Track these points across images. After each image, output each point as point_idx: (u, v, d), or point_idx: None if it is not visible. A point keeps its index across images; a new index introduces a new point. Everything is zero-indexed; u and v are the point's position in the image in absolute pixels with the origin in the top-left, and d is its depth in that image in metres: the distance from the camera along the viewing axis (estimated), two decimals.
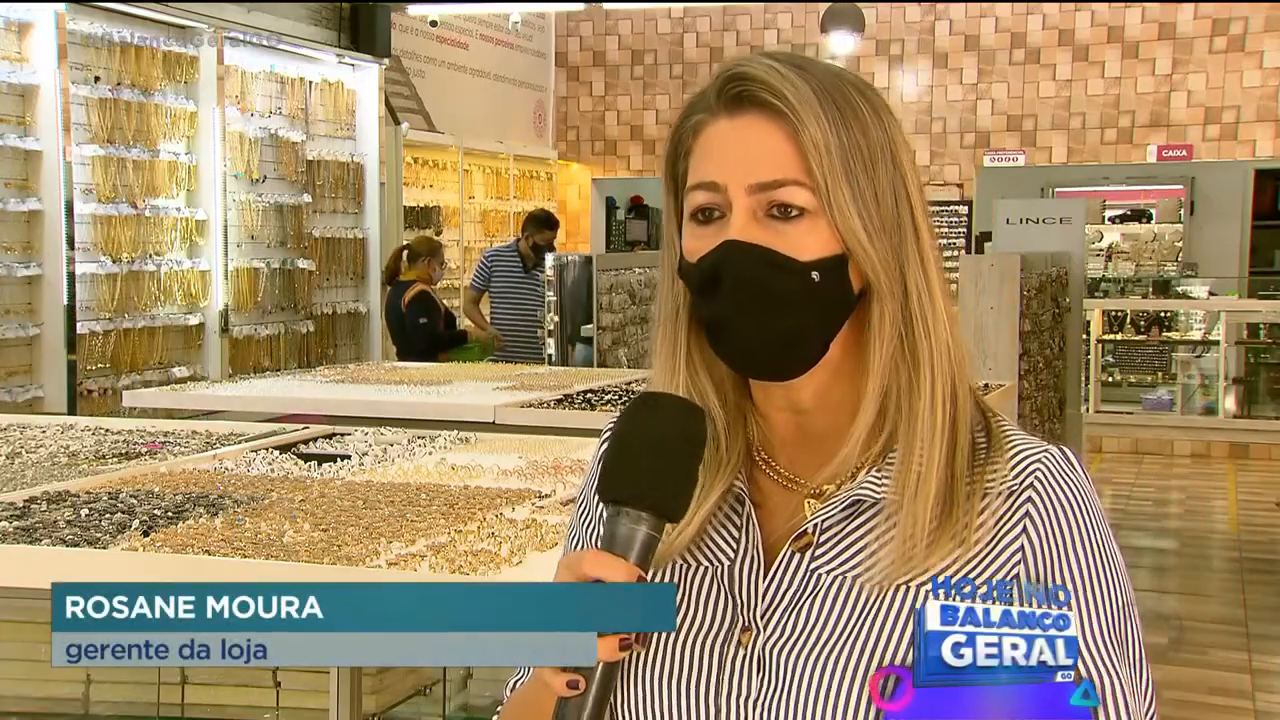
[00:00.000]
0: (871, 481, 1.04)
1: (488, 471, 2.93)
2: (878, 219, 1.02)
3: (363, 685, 2.31)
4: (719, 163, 1.04)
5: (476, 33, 11.11)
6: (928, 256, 1.04)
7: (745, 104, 1.03)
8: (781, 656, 1.01)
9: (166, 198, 7.13)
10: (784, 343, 1.03)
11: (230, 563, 2.11)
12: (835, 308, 1.03)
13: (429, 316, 7.07)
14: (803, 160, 1.01)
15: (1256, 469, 9.44)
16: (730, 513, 1.09)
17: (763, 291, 1.02)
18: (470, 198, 10.39)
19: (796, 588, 1.03)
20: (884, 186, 1.03)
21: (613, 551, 0.96)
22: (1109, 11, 10.88)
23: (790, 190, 1.01)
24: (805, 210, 1.01)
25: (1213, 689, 4.81)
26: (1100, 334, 9.99)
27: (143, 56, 6.98)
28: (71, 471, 2.90)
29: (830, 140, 1.01)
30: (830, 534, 1.04)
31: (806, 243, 1.01)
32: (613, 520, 0.97)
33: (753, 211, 1.02)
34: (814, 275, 1.01)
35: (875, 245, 1.02)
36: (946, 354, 1.03)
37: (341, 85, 8.71)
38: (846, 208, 1.01)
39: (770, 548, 1.06)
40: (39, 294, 6.37)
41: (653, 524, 0.96)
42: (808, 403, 1.07)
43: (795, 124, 1.01)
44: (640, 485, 0.97)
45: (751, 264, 1.01)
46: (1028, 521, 1.00)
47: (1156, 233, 10.93)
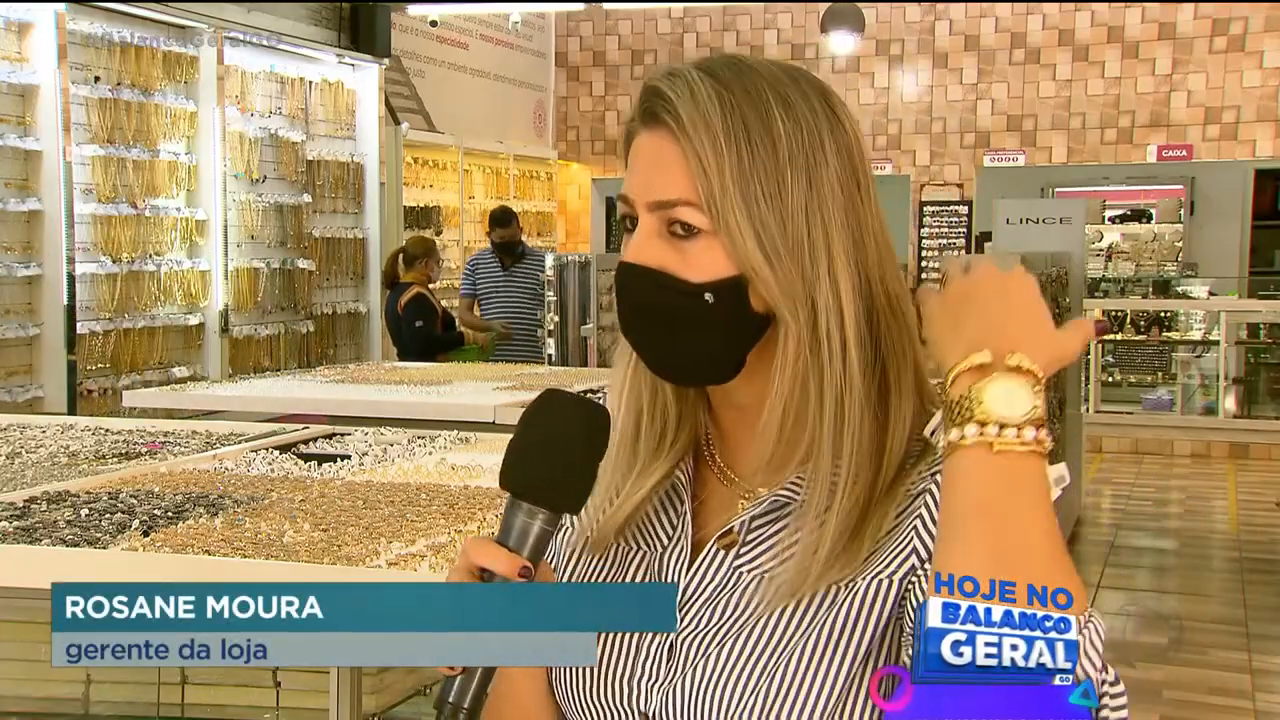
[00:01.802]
0: (793, 485, 1.04)
1: (488, 471, 2.93)
2: (782, 242, 0.99)
3: (363, 685, 2.31)
4: (631, 176, 1.04)
5: (476, 33, 11.11)
6: (841, 280, 1.00)
7: (653, 119, 1.03)
8: (690, 646, 1.03)
9: (166, 198, 7.13)
10: (690, 358, 1.04)
11: (230, 563, 2.11)
12: (737, 328, 1.02)
13: (425, 319, 7.07)
14: (694, 181, 1.00)
15: (1256, 469, 9.45)
16: (672, 499, 1.10)
17: (655, 313, 1.02)
18: (470, 198, 10.39)
19: (719, 583, 1.05)
20: (794, 206, 0.99)
21: (507, 543, 0.98)
22: (1109, 11, 10.88)
23: (684, 210, 1.00)
24: (702, 230, 1.00)
25: (1213, 689, 4.81)
26: None
27: (143, 56, 6.98)
28: (71, 471, 2.90)
29: (725, 162, 0.98)
30: (756, 533, 1.05)
31: (703, 263, 1.00)
32: (510, 510, 0.99)
33: (656, 228, 1.02)
34: (707, 297, 1.00)
35: (776, 269, 0.99)
36: (858, 378, 1.00)
37: (341, 85, 8.72)
38: (741, 232, 0.99)
39: (700, 541, 1.08)
40: (39, 294, 6.37)
41: (547, 518, 0.98)
42: (744, 399, 1.07)
43: (689, 144, 1.00)
44: (534, 480, 0.99)
45: (641, 286, 1.02)
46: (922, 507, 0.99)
47: (1156, 233, 10.93)
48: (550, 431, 1.00)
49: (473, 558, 0.97)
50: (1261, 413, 9.22)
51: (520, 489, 0.99)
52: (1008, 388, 0.91)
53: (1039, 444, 0.90)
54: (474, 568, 0.97)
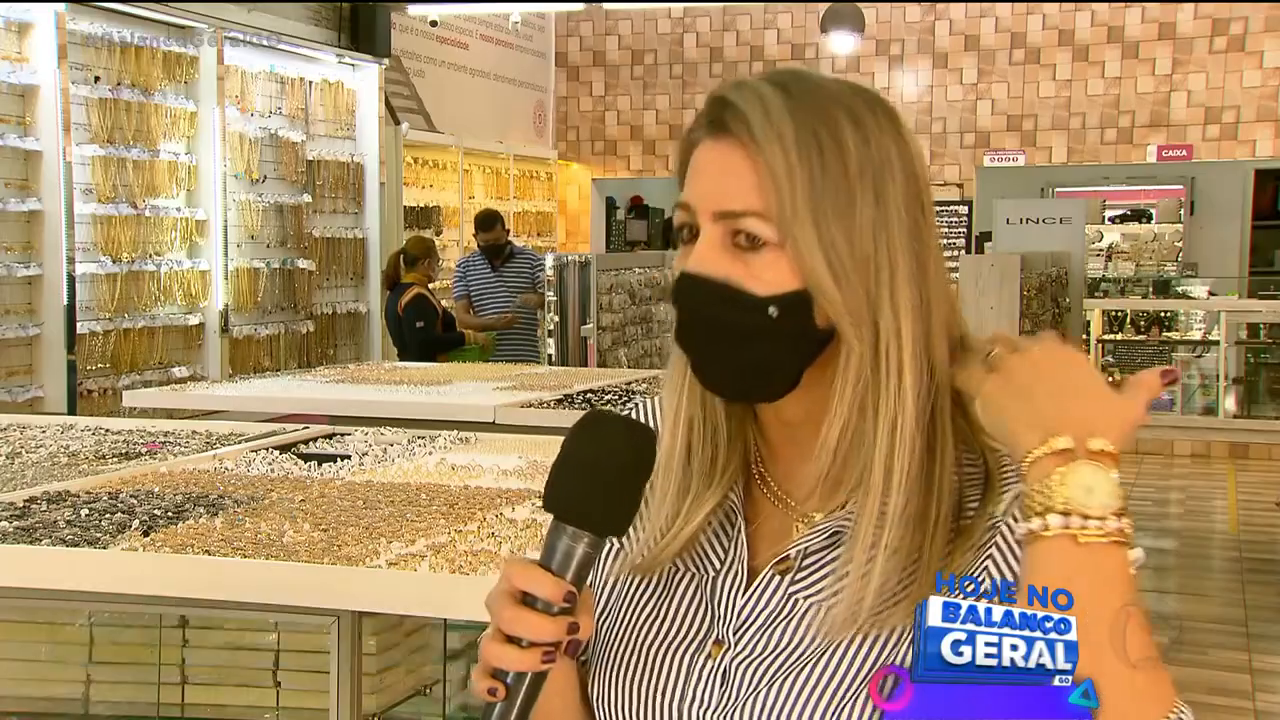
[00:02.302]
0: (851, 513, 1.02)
1: (488, 471, 2.93)
2: (849, 259, 0.98)
3: (363, 685, 2.30)
4: (693, 185, 1.02)
5: (476, 33, 11.11)
6: (901, 299, 0.99)
7: (722, 129, 1.01)
8: (745, 673, 1.02)
9: (166, 198, 7.13)
10: (749, 373, 1.01)
11: (230, 563, 2.11)
12: (798, 343, 1.00)
13: (425, 319, 7.08)
14: (765, 194, 0.98)
15: (1256, 469, 9.44)
16: (725, 523, 1.09)
17: (716, 325, 1.01)
18: (470, 198, 10.39)
19: (774, 609, 1.03)
20: (861, 224, 0.98)
21: (550, 565, 0.96)
22: (1109, 11, 10.88)
23: (751, 221, 0.98)
24: (769, 242, 0.98)
25: (1213, 689, 4.81)
26: (1100, 334, 9.98)
27: (143, 56, 6.98)
28: (71, 471, 2.90)
29: (797, 176, 0.97)
30: (812, 560, 1.03)
31: (766, 276, 0.99)
32: (553, 533, 0.97)
33: (720, 238, 1.00)
34: (771, 310, 0.99)
35: (841, 286, 0.98)
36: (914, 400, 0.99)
37: (341, 85, 8.72)
38: (810, 247, 0.97)
39: (755, 566, 1.06)
40: (39, 294, 6.37)
41: (591, 542, 0.96)
42: (796, 418, 1.05)
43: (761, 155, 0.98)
44: (578, 504, 0.96)
45: (703, 297, 1.00)
46: (993, 548, 0.98)
47: (1156, 233, 10.93)
48: (596, 453, 0.97)
49: (516, 582, 0.95)
50: (1261, 413, 9.22)
51: (564, 512, 0.96)
52: (1090, 476, 0.90)
53: (1122, 534, 0.90)
54: (516, 592, 0.95)
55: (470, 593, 2.03)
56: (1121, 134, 10.99)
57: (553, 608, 0.95)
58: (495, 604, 0.96)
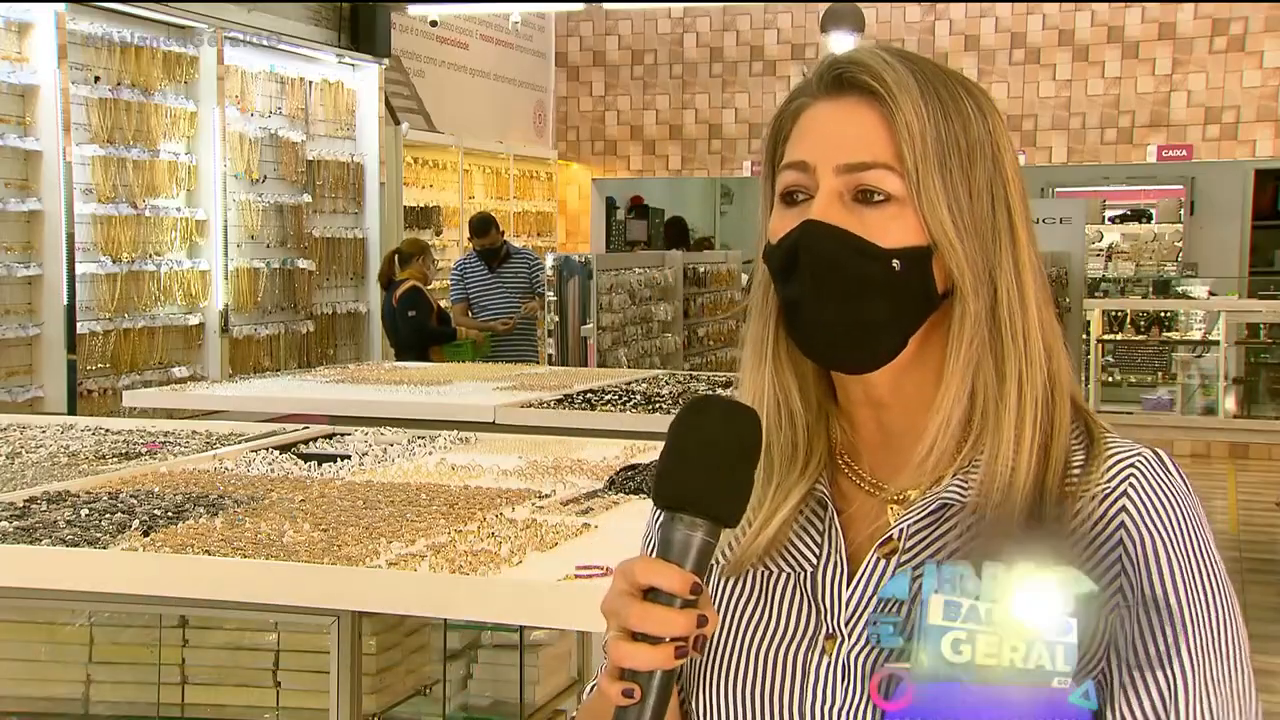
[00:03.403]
0: (958, 485, 1.00)
1: (488, 471, 2.94)
2: (970, 216, 0.99)
3: (363, 685, 2.31)
4: (811, 142, 1.02)
5: (476, 33, 11.11)
6: (1024, 262, 1.00)
7: (845, 87, 1.01)
8: (868, 665, 0.99)
9: (166, 198, 7.13)
10: (860, 331, 1.00)
11: (230, 563, 2.11)
12: (916, 301, 1.00)
13: (418, 310, 7.09)
14: (895, 145, 0.98)
15: (1256, 469, 9.44)
16: (812, 517, 1.06)
17: (840, 274, 0.99)
18: (470, 198, 10.39)
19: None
20: (980, 184, 0.99)
21: (668, 558, 0.93)
22: (1109, 11, 10.88)
23: (879, 174, 0.98)
24: (892, 196, 0.98)
25: None
26: (1100, 334, 9.99)
27: (143, 56, 6.97)
28: (71, 471, 2.90)
29: (927, 128, 0.98)
30: (916, 539, 1.01)
31: (891, 230, 0.98)
32: (667, 525, 0.94)
33: (838, 193, 0.99)
34: (895, 264, 0.98)
35: (964, 242, 0.98)
36: (1039, 362, 0.99)
37: (341, 85, 8.72)
38: (936, 199, 0.98)
39: (853, 554, 1.04)
40: (39, 294, 6.37)
41: (709, 530, 0.93)
42: (886, 398, 1.04)
43: (892, 107, 0.98)
44: (693, 490, 0.93)
45: (830, 245, 0.99)
46: (1123, 533, 0.96)
47: (1156, 233, 10.94)
48: (703, 437, 0.95)
49: (640, 577, 0.92)
50: (1261, 413, 9.22)
51: (678, 500, 0.94)
52: None
53: None
54: (639, 588, 0.92)
55: (470, 593, 2.03)
56: (1121, 134, 10.99)
57: (677, 601, 0.92)
58: (617, 604, 0.93)
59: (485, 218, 7.67)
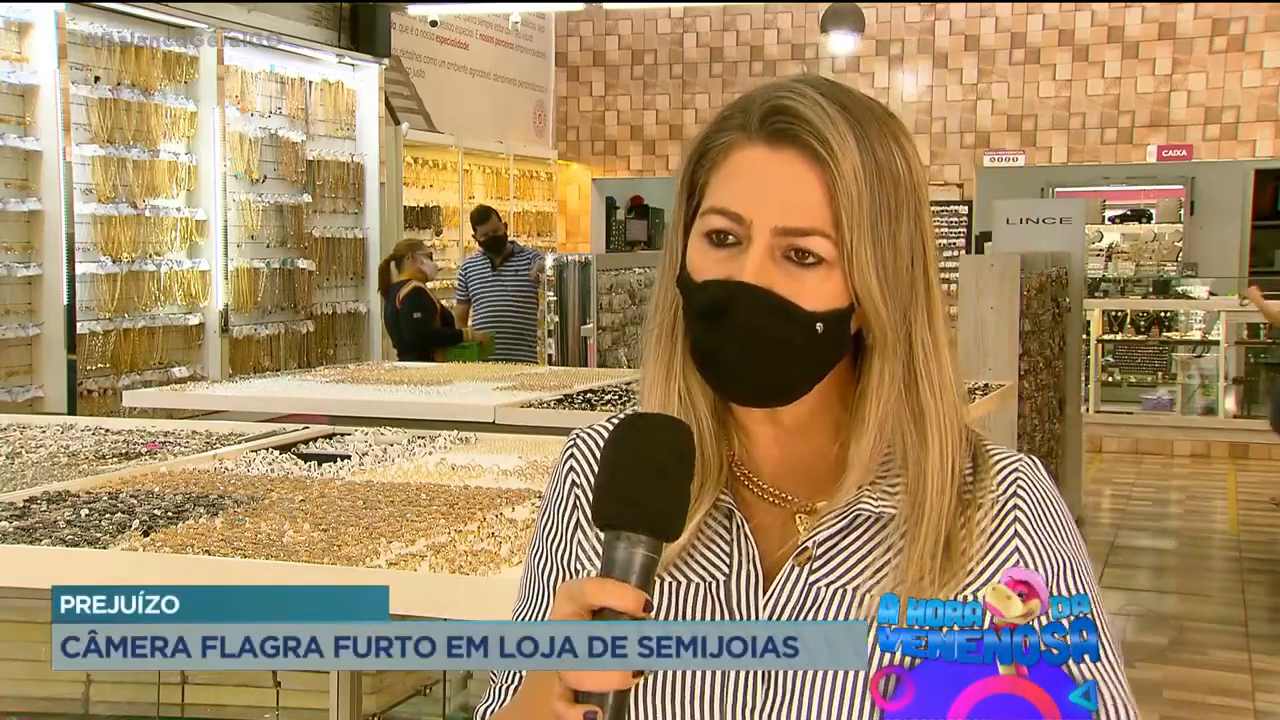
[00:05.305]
0: (869, 498, 1.04)
1: (488, 471, 2.93)
2: (893, 278, 1.01)
3: (363, 685, 2.31)
4: (747, 195, 1.01)
5: (476, 33, 11.11)
6: (935, 312, 1.04)
7: (786, 140, 1.01)
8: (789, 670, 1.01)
9: (166, 198, 7.13)
10: (777, 383, 1.03)
11: (230, 563, 2.11)
12: (831, 355, 1.04)
13: (423, 311, 7.07)
14: (834, 212, 0.99)
15: (1256, 469, 9.44)
16: (719, 527, 1.08)
17: (764, 337, 1.01)
18: (470, 198, 10.39)
19: (796, 601, 1.04)
20: (903, 244, 1.01)
21: (613, 576, 0.93)
22: (1109, 11, 10.88)
23: (815, 240, 1.00)
24: (823, 260, 1.00)
25: (1213, 689, 4.81)
26: (1100, 334, 9.99)
27: (143, 56, 6.98)
28: (71, 471, 2.90)
29: (864, 193, 0.99)
30: (826, 548, 1.05)
31: (819, 293, 1.00)
32: (610, 545, 0.94)
33: (771, 251, 1.00)
34: (818, 326, 1.01)
35: (887, 304, 1.01)
36: (954, 409, 1.04)
37: (341, 85, 8.72)
38: (866, 264, 1.00)
39: (765, 563, 1.06)
40: (39, 294, 6.37)
41: (650, 545, 0.94)
42: (788, 423, 1.07)
43: (834, 174, 0.99)
44: (636, 508, 0.94)
45: (761, 310, 1.00)
46: (1018, 526, 1.04)
47: (1156, 233, 10.93)
48: (639, 454, 0.96)
49: (591, 598, 0.92)
50: (1261, 413, 9.21)
51: (618, 518, 0.94)
52: None
53: None
54: (589, 608, 0.92)
55: (470, 593, 2.03)
56: (1121, 134, 10.99)
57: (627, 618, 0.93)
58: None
59: (484, 207, 7.66)
